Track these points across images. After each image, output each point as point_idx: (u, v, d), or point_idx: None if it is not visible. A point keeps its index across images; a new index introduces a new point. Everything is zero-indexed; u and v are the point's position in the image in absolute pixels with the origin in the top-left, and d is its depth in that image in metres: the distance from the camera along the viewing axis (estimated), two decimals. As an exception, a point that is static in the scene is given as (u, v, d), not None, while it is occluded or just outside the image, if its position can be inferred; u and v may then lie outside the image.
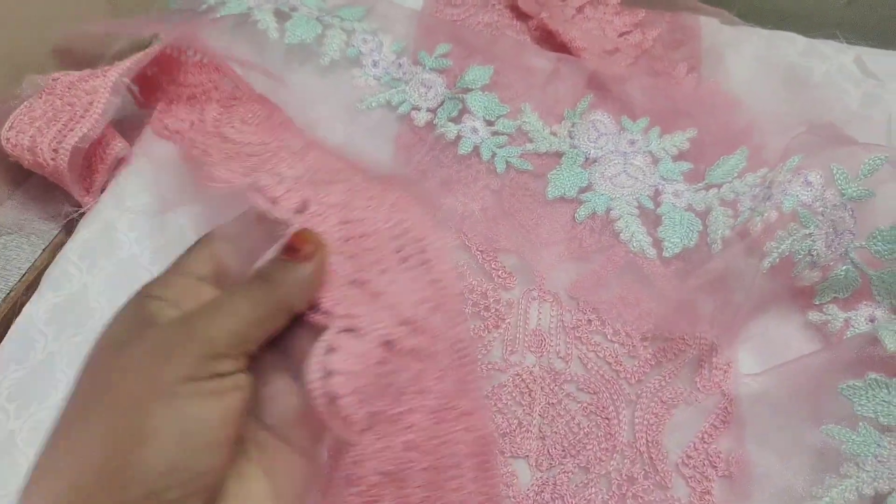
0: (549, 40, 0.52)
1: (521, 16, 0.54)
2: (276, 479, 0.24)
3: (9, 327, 0.38)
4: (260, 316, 0.24)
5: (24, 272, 0.42)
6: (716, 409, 0.37)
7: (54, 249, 0.43)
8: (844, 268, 0.38)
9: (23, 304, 0.40)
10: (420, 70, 0.50)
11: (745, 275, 0.38)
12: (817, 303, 0.39)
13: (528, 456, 0.36)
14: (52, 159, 0.40)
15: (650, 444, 0.36)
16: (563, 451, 0.36)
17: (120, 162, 0.45)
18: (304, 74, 0.49)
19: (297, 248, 0.25)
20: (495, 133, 0.47)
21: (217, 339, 0.22)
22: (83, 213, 0.43)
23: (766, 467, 0.35)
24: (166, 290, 0.25)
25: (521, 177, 0.45)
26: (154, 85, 0.45)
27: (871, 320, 0.38)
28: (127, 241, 0.41)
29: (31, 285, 0.42)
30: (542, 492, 0.35)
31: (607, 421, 0.36)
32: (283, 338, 0.25)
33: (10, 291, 0.41)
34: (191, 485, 0.21)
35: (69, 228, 0.44)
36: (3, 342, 0.38)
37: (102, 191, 0.44)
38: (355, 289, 0.26)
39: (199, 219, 0.43)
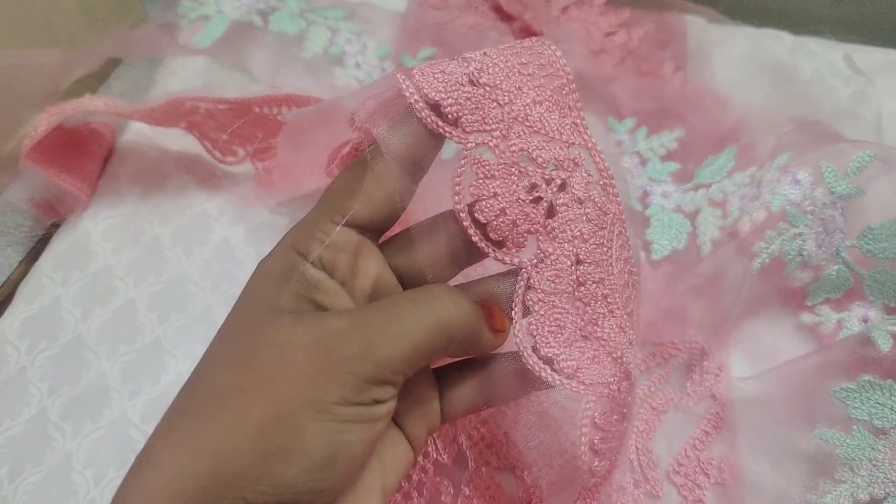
0: (534, 42, 0.51)
1: (505, 17, 0.53)
2: (386, 467, 0.24)
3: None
4: (434, 349, 0.22)
5: (-2, 286, 0.41)
6: (707, 415, 0.36)
7: (30, 263, 0.42)
8: (836, 268, 0.37)
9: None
10: (403, 73, 0.49)
11: (735, 276, 0.37)
12: (809, 304, 0.38)
13: (515, 466, 0.35)
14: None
15: (640, 452, 0.35)
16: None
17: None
18: (286, 72, 0.48)
19: (493, 315, 0.24)
20: (479, 136, 0.46)
21: (387, 363, 0.21)
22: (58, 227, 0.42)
23: (759, 474, 0.34)
24: (323, 252, 0.23)
25: (506, 180, 0.44)
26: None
27: (865, 321, 0.37)
28: (102, 252, 0.40)
29: (5, 300, 0.41)
30: (530, 501, 0.34)
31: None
32: None
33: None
34: (320, 499, 0.21)
35: (45, 242, 0.43)
36: (-26, 358, 0.37)
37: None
38: (587, 343, 0.26)
39: (175, 230, 0.42)
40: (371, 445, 0.22)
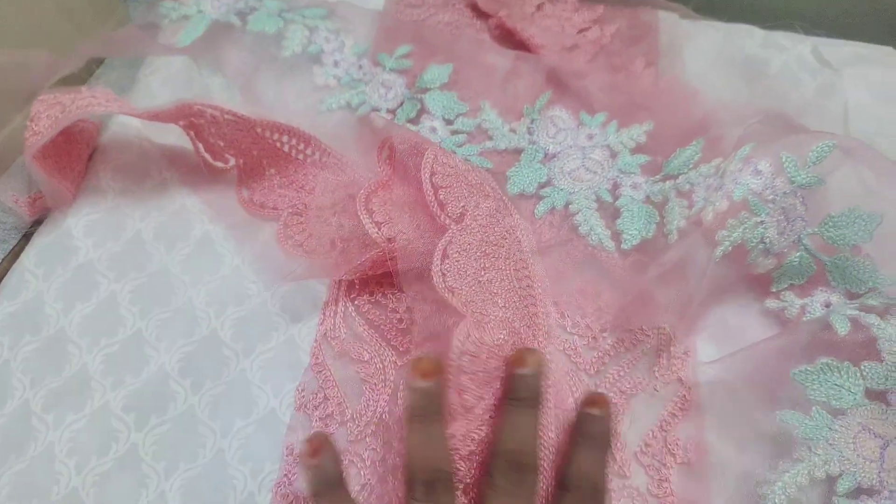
0: (509, 38, 0.52)
1: (481, 15, 0.54)
2: None
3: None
4: None
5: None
6: (674, 398, 0.37)
7: (13, 259, 0.43)
8: (798, 254, 0.38)
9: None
10: (380, 71, 0.50)
11: (700, 264, 0.38)
12: (774, 290, 0.40)
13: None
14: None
15: (609, 435, 0.36)
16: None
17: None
18: (265, 71, 0.49)
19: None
20: (454, 132, 0.47)
21: None
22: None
23: (723, 454, 0.35)
24: None
25: (480, 174, 0.45)
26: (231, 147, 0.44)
27: (827, 305, 0.38)
28: (83, 247, 0.41)
29: (-11, 295, 0.41)
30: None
31: (566, 412, 0.36)
32: None
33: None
34: None
35: (28, 238, 0.43)
36: (-43, 352, 0.38)
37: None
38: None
39: (157, 225, 0.43)
40: None
